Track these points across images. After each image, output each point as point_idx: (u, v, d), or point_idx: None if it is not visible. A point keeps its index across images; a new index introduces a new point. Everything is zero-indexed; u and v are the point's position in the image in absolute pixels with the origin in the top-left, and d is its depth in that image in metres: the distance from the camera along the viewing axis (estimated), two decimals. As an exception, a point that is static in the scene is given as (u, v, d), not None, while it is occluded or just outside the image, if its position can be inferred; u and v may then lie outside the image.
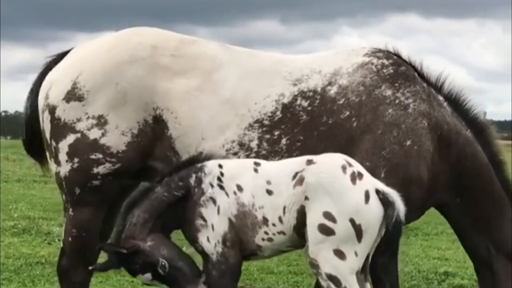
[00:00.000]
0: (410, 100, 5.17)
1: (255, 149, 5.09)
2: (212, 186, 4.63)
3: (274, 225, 4.52)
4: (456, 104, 5.37)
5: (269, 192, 4.55)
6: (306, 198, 4.42)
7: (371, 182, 4.46)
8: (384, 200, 4.40)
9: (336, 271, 4.37)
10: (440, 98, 5.34)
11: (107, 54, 5.22)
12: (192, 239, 4.63)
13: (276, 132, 5.10)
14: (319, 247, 4.38)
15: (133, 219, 4.63)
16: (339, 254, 4.37)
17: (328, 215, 4.36)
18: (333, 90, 5.18)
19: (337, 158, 4.55)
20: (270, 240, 4.56)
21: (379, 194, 4.41)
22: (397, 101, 5.15)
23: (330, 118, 5.10)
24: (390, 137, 5.05)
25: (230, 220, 4.57)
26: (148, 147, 5.17)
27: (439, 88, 5.38)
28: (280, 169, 4.63)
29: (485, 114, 5.77)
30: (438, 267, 9.01)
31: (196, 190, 4.64)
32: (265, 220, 4.54)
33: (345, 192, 4.39)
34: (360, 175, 4.45)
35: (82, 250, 5.25)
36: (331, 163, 4.50)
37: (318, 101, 5.15)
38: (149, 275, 4.55)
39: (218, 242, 4.56)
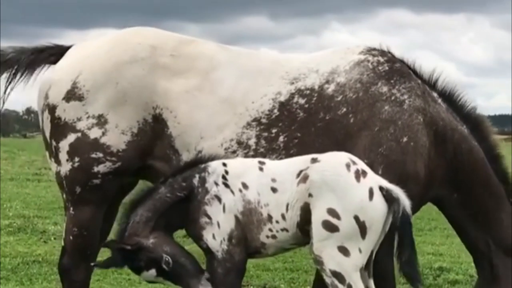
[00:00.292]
0: (406, 96, 5.24)
1: (253, 147, 5.14)
2: (216, 184, 4.66)
3: (277, 222, 4.57)
4: (451, 100, 5.44)
5: (273, 189, 4.60)
6: (310, 195, 4.47)
7: (374, 180, 4.52)
8: (388, 196, 4.46)
9: (340, 267, 4.42)
10: (435, 94, 5.41)
11: (107, 54, 5.27)
12: (197, 237, 4.66)
13: (274, 130, 5.16)
14: (324, 244, 4.43)
15: (136, 218, 4.67)
16: (343, 250, 4.42)
17: (332, 212, 4.41)
18: (331, 88, 5.25)
19: (341, 156, 4.60)
20: (274, 237, 4.60)
21: (383, 191, 4.47)
22: (393, 97, 5.22)
23: (327, 115, 5.17)
24: (387, 134, 5.12)
25: (236, 217, 4.61)
26: (148, 146, 5.22)
27: (433, 85, 5.45)
28: (284, 167, 4.68)
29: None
30: (432, 262, 9.08)
31: (199, 190, 4.67)
32: (269, 218, 4.58)
33: (349, 189, 4.44)
34: (364, 173, 4.51)
35: (83, 248, 5.30)
36: (336, 161, 4.56)
37: (315, 98, 5.22)
38: (153, 271, 4.58)
39: (224, 240, 4.59)
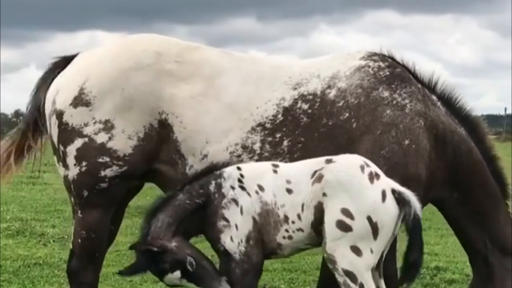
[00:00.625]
0: (407, 101, 5.36)
1: (258, 151, 5.25)
2: (233, 188, 4.74)
3: (293, 222, 4.65)
4: (449, 103, 5.55)
5: (289, 191, 4.69)
6: (324, 195, 4.57)
7: (387, 182, 4.63)
8: (399, 199, 4.57)
9: (353, 267, 4.51)
10: (434, 98, 5.52)
11: (113, 60, 5.37)
12: (215, 240, 4.74)
13: (278, 135, 5.27)
14: (337, 243, 4.52)
15: (158, 223, 4.75)
16: (356, 250, 4.51)
17: (346, 212, 4.51)
18: (332, 93, 5.36)
19: (355, 158, 4.71)
20: (290, 238, 4.69)
21: (395, 193, 4.58)
22: (394, 102, 5.34)
23: (330, 120, 5.28)
24: (389, 136, 5.24)
25: (254, 219, 4.69)
26: (153, 150, 5.32)
27: (432, 89, 5.56)
28: (299, 169, 4.77)
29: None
30: (428, 262, 9.15)
31: (216, 196, 4.75)
32: (286, 218, 4.67)
33: (363, 190, 4.54)
34: (377, 175, 4.62)
35: (91, 251, 5.39)
36: (350, 163, 4.66)
37: (318, 103, 5.33)
38: (178, 273, 4.66)
39: (241, 241, 4.67)
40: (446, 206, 5.59)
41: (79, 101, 5.32)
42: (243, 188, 4.75)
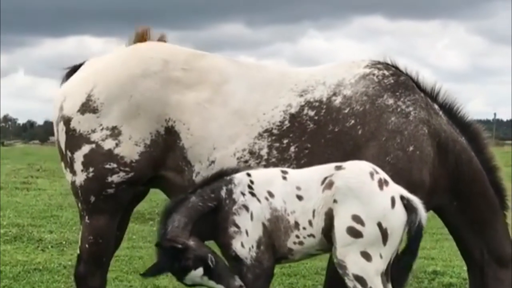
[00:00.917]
0: (411, 108, 5.44)
1: (265, 157, 5.32)
2: (243, 194, 4.80)
3: (304, 228, 4.72)
4: (451, 112, 5.64)
5: (299, 197, 4.76)
6: (335, 201, 4.64)
7: (396, 189, 4.71)
8: (407, 206, 4.65)
9: (363, 272, 4.59)
10: (436, 106, 5.60)
11: (121, 67, 5.43)
12: (226, 246, 4.80)
13: (285, 141, 5.34)
14: (347, 249, 4.60)
15: (174, 223, 4.79)
16: (366, 256, 4.59)
17: (357, 218, 4.58)
18: (338, 100, 5.43)
19: (364, 165, 4.79)
20: (301, 243, 4.75)
21: (404, 200, 4.66)
22: (398, 109, 5.42)
23: (336, 127, 5.36)
24: (394, 143, 5.32)
25: (264, 225, 4.75)
26: (160, 157, 5.37)
27: (434, 97, 5.64)
28: (308, 175, 4.84)
29: None
30: (426, 266, 9.24)
31: (227, 202, 4.81)
32: (296, 224, 4.73)
33: (373, 197, 4.62)
34: (386, 182, 4.69)
35: (99, 256, 5.44)
36: (360, 169, 4.74)
37: (324, 110, 5.40)
38: (201, 269, 4.69)
39: (252, 247, 4.73)
40: (446, 214, 5.67)
41: (87, 107, 5.37)
42: (253, 194, 4.81)
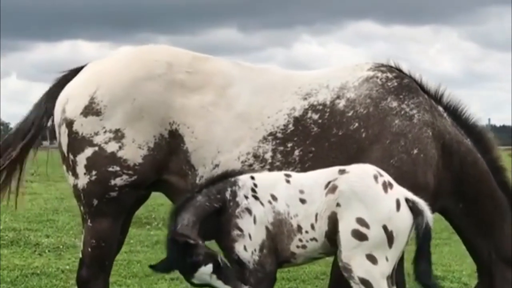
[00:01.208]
0: (415, 111, 5.42)
1: (269, 160, 5.29)
2: (246, 197, 4.78)
3: (307, 232, 4.70)
4: (455, 114, 5.63)
5: (302, 201, 4.74)
6: (338, 205, 4.62)
7: (400, 191, 4.69)
8: (413, 208, 4.64)
9: (369, 275, 4.57)
10: (440, 108, 5.60)
11: (124, 70, 5.40)
12: (229, 249, 4.78)
13: (289, 144, 5.32)
14: (353, 252, 4.57)
15: (184, 221, 4.75)
16: (372, 259, 4.57)
17: (361, 221, 4.56)
18: (341, 103, 5.42)
19: (368, 168, 4.76)
20: (304, 247, 4.73)
21: (409, 202, 4.64)
22: (402, 112, 5.41)
23: (340, 130, 5.34)
24: (398, 146, 5.31)
25: (267, 228, 4.73)
26: (163, 160, 5.35)
27: (438, 100, 5.64)
28: (311, 179, 4.82)
29: None
30: (426, 271, 9.24)
31: (231, 204, 4.79)
32: (299, 228, 4.71)
33: (377, 199, 4.60)
34: (391, 185, 4.67)
35: (101, 260, 5.41)
36: (364, 173, 4.72)
37: (327, 114, 5.39)
38: (210, 266, 4.64)
39: (255, 251, 4.71)
40: (452, 216, 5.66)
41: (90, 110, 5.34)
42: (256, 198, 4.79)
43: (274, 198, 4.77)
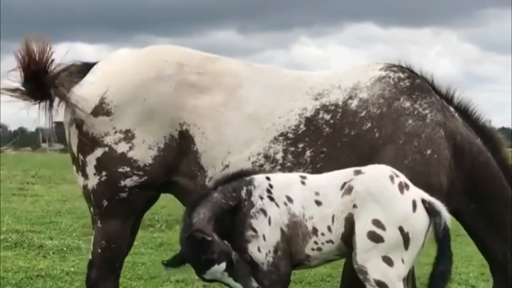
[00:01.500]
0: (427, 111, 5.40)
1: (280, 161, 5.26)
2: (261, 198, 4.73)
3: (323, 234, 4.66)
4: (466, 114, 5.61)
5: (318, 202, 4.69)
6: (355, 206, 4.57)
7: (417, 192, 4.65)
8: (430, 209, 4.60)
9: (385, 277, 4.53)
10: (452, 109, 5.58)
11: (134, 70, 5.36)
12: (242, 250, 4.72)
13: (300, 145, 5.29)
14: (368, 254, 4.53)
15: (200, 215, 4.70)
16: (388, 261, 4.53)
17: (377, 223, 4.52)
18: (354, 103, 5.39)
19: (385, 169, 4.72)
20: (319, 249, 4.69)
21: (425, 203, 4.60)
22: (415, 112, 5.38)
23: (352, 130, 5.31)
24: (411, 146, 5.28)
25: (282, 230, 4.68)
26: (173, 161, 5.31)
27: (449, 100, 5.61)
28: (327, 180, 4.78)
29: None
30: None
31: (246, 203, 4.74)
32: (315, 230, 4.67)
33: (394, 201, 4.56)
34: (407, 186, 4.63)
35: (111, 261, 5.36)
36: (380, 173, 4.67)
37: (340, 114, 5.35)
38: (224, 264, 4.60)
39: (269, 252, 4.66)
40: (464, 217, 5.62)
41: (100, 110, 5.30)
42: (271, 199, 4.74)
43: (290, 200, 4.73)
